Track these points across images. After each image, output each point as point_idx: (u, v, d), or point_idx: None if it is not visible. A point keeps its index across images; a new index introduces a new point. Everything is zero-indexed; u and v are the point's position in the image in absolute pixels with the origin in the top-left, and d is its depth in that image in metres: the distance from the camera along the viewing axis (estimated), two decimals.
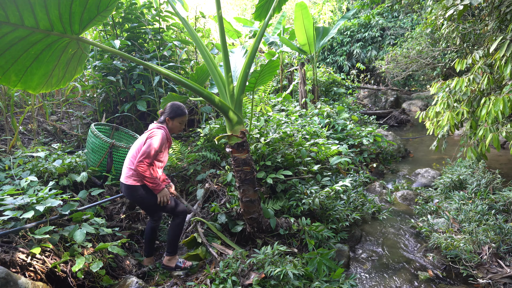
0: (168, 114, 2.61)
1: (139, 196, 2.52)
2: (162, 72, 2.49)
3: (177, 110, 2.61)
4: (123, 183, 2.54)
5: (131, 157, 2.54)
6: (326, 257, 2.59)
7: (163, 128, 2.56)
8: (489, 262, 2.65)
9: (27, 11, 1.91)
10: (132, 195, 2.54)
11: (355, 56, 12.92)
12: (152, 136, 2.47)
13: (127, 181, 2.52)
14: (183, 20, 2.89)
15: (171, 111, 2.61)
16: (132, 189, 2.51)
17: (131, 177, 2.51)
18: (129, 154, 2.58)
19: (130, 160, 2.55)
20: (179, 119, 2.63)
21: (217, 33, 7.23)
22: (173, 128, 2.65)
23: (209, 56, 2.87)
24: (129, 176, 2.51)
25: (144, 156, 2.39)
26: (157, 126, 2.57)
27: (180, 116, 2.63)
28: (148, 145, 2.42)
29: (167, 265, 2.67)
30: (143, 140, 2.53)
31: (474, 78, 3.45)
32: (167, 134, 2.57)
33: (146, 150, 2.40)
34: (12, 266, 2.08)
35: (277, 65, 3.37)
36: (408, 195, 4.39)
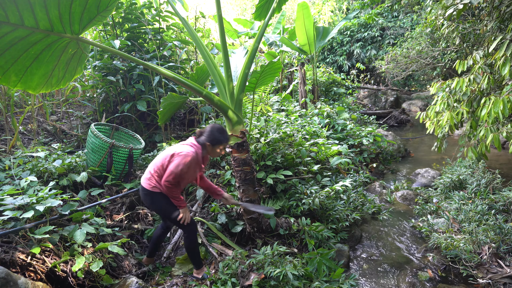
0: (210, 140, 2.42)
1: (156, 203, 2.47)
2: (162, 72, 2.49)
3: (220, 138, 2.43)
4: (141, 185, 2.49)
5: (155, 163, 2.45)
6: (326, 257, 2.59)
7: (195, 148, 2.40)
8: (489, 262, 2.65)
9: (27, 11, 1.91)
10: (148, 200, 2.48)
11: (355, 56, 12.92)
12: (180, 156, 2.33)
13: (145, 184, 2.46)
14: (183, 20, 2.89)
15: (213, 138, 2.42)
16: (151, 194, 2.45)
17: (151, 183, 2.44)
18: (155, 161, 2.49)
19: (154, 167, 2.46)
20: (221, 146, 2.47)
21: (217, 33, 7.22)
22: (212, 153, 2.50)
23: (209, 56, 2.87)
24: (149, 180, 2.45)
25: (171, 175, 2.31)
26: (191, 144, 2.42)
27: (222, 144, 2.46)
28: (176, 165, 2.31)
29: (195, 276, 2.61)
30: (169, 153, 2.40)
31: (475, 78, 3.45)
32: (198, 156, 2.40)
33: (173, 170, 2.31)
34: (12, 266, 2.08)
35: (279, 67, 3.37)
36: (408, 195, 4.39)
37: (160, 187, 2.44)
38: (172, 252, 3.03)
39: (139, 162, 4.14)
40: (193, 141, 2.46)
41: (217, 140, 2.43)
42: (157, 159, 2.48)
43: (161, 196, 2.46)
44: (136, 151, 3.78)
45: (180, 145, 2.46)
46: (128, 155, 3.64)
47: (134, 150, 3.72)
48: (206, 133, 2.45)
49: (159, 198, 2.46)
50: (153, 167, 2.47)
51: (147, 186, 2.45)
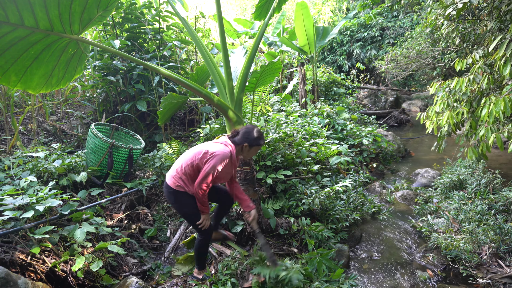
0: (249, 141, 2.33)
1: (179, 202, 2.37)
2: (162, 72, 2.49)
3: (259, 139, 2.35)
4: (168, 184, 2.36)
5: (183, 161, 2.34)
6: (326, 257, 2.59)
7: (231, 148, 2.31)
8: (489, 262, 2.65)
9: (27, 11, 1.91)
10: (171, 198, 2.38)
11: (354, 56, 12.92)
12: (214, 157, 2.22)
13: (170, 182, 2.35)
14: (183, 20, 2.89)
15: (253, 139, 2.33)
16: (175, 193, 2.35)
17: (176, 181, 2.33)
18: (182, 156, 2.39)
19: (180, 162, 2.36)
20: (258, 148, 2.40)
21: (217, 33, 7.23)
22: (247, 155, 2.41)
23: (209, 56, 2.87)
24: (174, 178, 2.34)
25: (205, 179, 2.21)
26: (226, 143, 2.33)
27: (260, 145, 2.39)
28: (211, 166, 2.20)
29: (196, 276, 2.56)
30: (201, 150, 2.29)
31: (474, 78, 3.45)
32: (232, 156, 2.31)
33: (208, 172, 2.20)
34: (12, 266, 2.08)
35: (279, 67, 3.37)
36: (408, 195, 4.39)
37: (185, 187, 2.32)
38: (172, 252, 3.03)
39: (139, 162, 4.14)
40: (227, 141, 2.36)
41: (256, 142, 2.34)
42: (185, 157, 2.35)
43: (186, 196, 2.34)
44: (136, 151, 3.78)
45: (213, 144, 2.34)
46: (128, 155, 3.64)
47: (134, 150, 3.72)
48: (243, 134, 2.35)
49: (183, 197, 2.34)
50: (180, 164, 2.34)
51: (172, 184, 2.33)
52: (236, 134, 2.38)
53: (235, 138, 2.37)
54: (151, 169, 3.92)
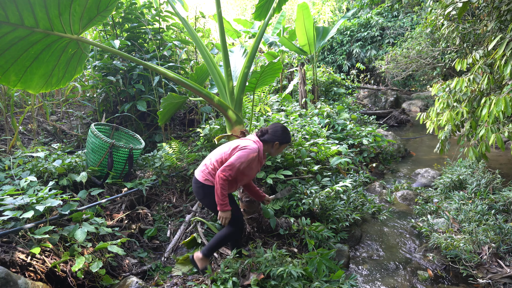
0: (279, 139, 2.40)
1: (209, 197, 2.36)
2: (162, 72, 2.49)
3: (288, 137, 2.45)
4: (195, 177, 2.38)
5: (213, 156, 2.38)
6: (326, 257, 2.58)
7: (259, 145, 2.36)
8: (489, 262, 2.65)
9: (26, 10, 1.91)
10: (199, 192, 2.39)
11: (354, 55, 12.92)
12: (245, 149, 2.27)
13: (199, 176, 2.37)
14: (183, 20, 2.90)
15: (283, 137, 2.41)
16: (204, 187, 2.36)
17: (205, 175, 2.35)
18: (212, 152, 2.44)
19: (210, 159, 2.39)
20: (286, 146, 2.50)
21: (217, 33, 7.23)
22: (276, 152, 2.48)
23: (209, 56, 2.87)
24: (203, 172, 2.36)
25: (229, 168, 2.21)
26: (255, 140, 2.38)
27: (288, 143, 2.48)
28: (238, 157, 2.24)
29: (196, 262, 2.50)
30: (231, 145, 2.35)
31: (474, 78, 3.45)
32: (260, 153, 2.36)
33: (233, 163, 2.22)
34: (12, 266, 2.08)
35: (280, 67, 3.37)
36: (408, 195, 4.39)
37: (214, 181, 2.31)
38: (172, 252, 3.03)
39: (139, 162, 4.14)
40: (256, 138, 2.40)
41: (286, 139, 2.43)
42: (215, 153, 2.39)
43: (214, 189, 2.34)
44: (136, 151, 3.78)
45: (242, 140, 2.38)
46: (128, 155, 3.64)
47: (134, 150, 3.72)
48: (273, 132, 2.41)
49: (212, 192, 2.33)
50: (210, 159, 2.37)
51: (201, 179, 2.35)
52: (265, 132, 2.44)
53: (265, 136, 2.42)
54: (151, 169, 3.92)
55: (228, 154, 2.31)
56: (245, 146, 2.29)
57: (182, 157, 4.17)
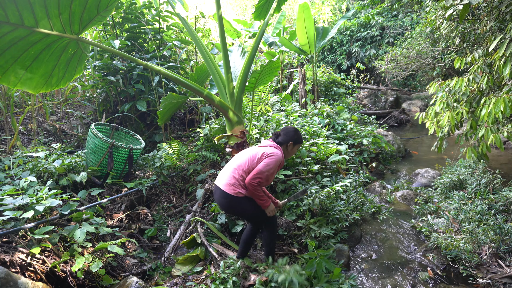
0: (294, 139, 2.51)
1: (241, 207, 2.41)
2: (162, 72, 2.49)
3: (299, 137, 2.55)
4: (223, 191, 2.38)
5: (238, 167, 2.40)
6: (325, 258, 2.56)
7: (280, 150, 2.45)
8: (489, 262, 2.65)
9: (27, 10, 1.91)
10: (231, 205, 2.41)
11: (354, 55, 12.92)
12: (272, 157, 2.35)
13: (228, 189, 2.37)
14: (183, 20, 2.90)
15: (297, 138, 2.52)
16: (235, 200, 2.37)
17: (235, 187, 2.36)
18: (235, 162, 2.44)
19: (235, 169, 2.40)
20: (299, 146, 2.60)
21: (217, 33, 7.23)
22: (290, 152, 2.56)
23: (209, 56, 2.87)
24: (232, 185, 2.37)
25: (259, 176, 2.29)
26: (275, 145, 2.45)
27: (301, 143, 2.58)
28: (266, 164, 2.32)
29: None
30: (256, 154, 2.40)
31: (474, 78, 3.45)
32: (282, 157, 2.45)
33: (262, 170, 2.30)
34: (12, 266, 2.08)
35: (278, 66, 3.37)
36: (408, 195, 4.39)
37: (245, 191, 2.37)
38: (172, 252, 3.03)
39: (139, 162, 4.14)
40: (273, 143, 2.46)
41: (299, 139, 2.54)
42: (239, 163, 2.41)
43: (246, 200, 2.39)
44: (136, 151, 3.78)
45: (265, 147, 2.43)
46: (128, 155, 3.64)
47: (134, 150, 3.72)
48: (285, 133, 2.51)
49: (244, 202, 2.38)
50: (237, 170, 2.38)
51: (231, 192, 2.35)
52: (279, 135, 2.52)
53: (278, 138, 2.50)
54: (151, 169, 3.92)
55: (255, 162, 2.37)
56: (271, 153, 2.36)
57: (182, 157, 4.17)
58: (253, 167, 2.36)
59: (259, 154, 2.38)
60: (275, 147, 2.43)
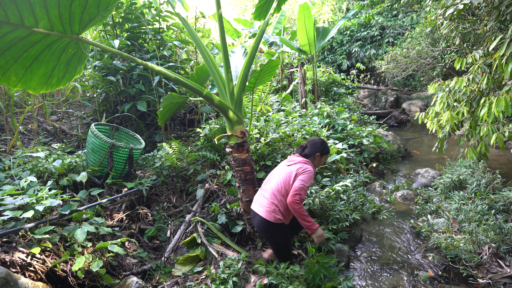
0: (321, 150, 2.49)
1: (278, 235, 2.38)
2: (162, 72, 2.49)
3: (326, 147, 2.53)
4: (263, 218, 2.32)
5: (276, 192, 2.34)
6: (324, 265, 2.48)
7: (311, 165, 2.43)
8: (489, 262, 2.65)
9: (27, 11, 1.91)
10: (271, 231, 2.37)
11: (354, 55, 12.92)
12: (305, 173, 2.33)
13: (269, 217, 2.31)
14: (183, 20, 2.90)
15: (323, 148, 2.50)
16: (276, 227, 2.34)
17: (276, 214, 2.32)
18: (270, 187, 2.39)
19: (273, 194, 2.35)
20: (327, 156, 2.59)
21: (217, 33, 7.23)
22: (318, 164, 2.54)
23: (209, 56, 2.87)
24: (272, 211, 2.32)
25: (299, 192, 2.24)
26: (305, 161, 2.42)
27: (328, 153, 2.57)
28: (302, 181, 2.28)
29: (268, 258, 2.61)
30: (289, 175, 2.35)
31: (474, 78, 3.45)
32: (314, 171, 2.45)
33: (300, 187, 2.25)
34: (12, 266, 2.08)
35: (277, 64, 3.37)
36: (408, 195, 4.39)
37: (283, 218, 2.35)
38: (172, 252, 3.03)
39: (139, 162, 4.15)
40: (302, 158, 2.44)
41: (326, 150, 2.52)
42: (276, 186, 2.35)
43: (282, 226, 2.38)
44: (136, 151, 3.78)
45: (298, 164, 2.39)
46: (128, 155, 3.64)
47: (134, 150, 3.72)
48: (313, 145, 2.49)
49: (280, 228, 2.38)
50: (275, 195, 2.34)
51: (271, 218, 2.31)
52: (305, 147, 2.50)
53: (305, 151, 2.48)
54: (151, 169, 3.92)
55: (291, 183, 2.33)
56: (305, 169, 2.34)
57: (182, 157, 4.17)
58: (290, 189, 2.31)
59: (292, 174, 2.33)
60: (304, 163, 2.40)
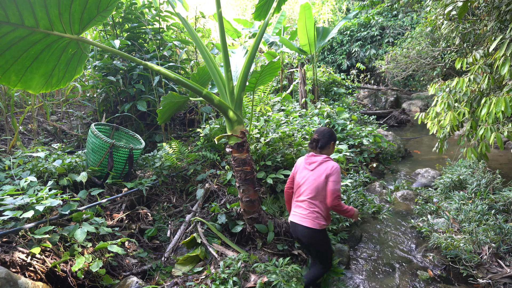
0: (333, 138, 2.46)
1: (324, 240, 2.38)
2: (162, 72, 2.49)
3: (335, 134, 2.52)
4: (307, 227, 2.31)
5: (313, 200, 2.32)
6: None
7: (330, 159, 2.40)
8: (489, 262, 2.65)
9: (27, 10, 1.91)
10: (317, 238, 2.35)
11: (354, 55, 12.92)
12: (333, 172, 2.30)
13: (313, 225, 2.30)
14: (183, 20, 2.90)
15: (334, 135, 2.49)
16: (322, 233, 2.34)
17: (320, 221, 2.31)
18: (304, 196, 2.36)
19: (311, 203, 2.32)
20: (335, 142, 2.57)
21: (217, 33, 7.23)
22: (332, 151, 2.52)
23: (209, 56, 2.87)
24: (315, 219, 2.31)
25: (337, 193, 2.26)
26: (325, 158, 2.38)
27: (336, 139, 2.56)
28: (335, 181, 2.28)
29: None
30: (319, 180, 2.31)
31: (474, 78, 3.45)
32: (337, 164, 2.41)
33: (336, 188, 2.27)
34: (12, 266, 2.08)
35: (278, 66, 3.37)
36: (408, 195, 4.39)
37: (326, 223, 2.35)
38: (173, 252, 3.03)
39: (139, 162, 4.14)
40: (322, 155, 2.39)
41: (336, 136, 2.52)
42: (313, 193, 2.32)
43: (326, 231, 2.40)
44: (136, 151, 3.78)
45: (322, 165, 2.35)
46: (128, 155, 3.64)
47: (134, 150, 3.72)
48: (325, 136, 2.44)
49: (325, 234, 2.39)
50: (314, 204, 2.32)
51: (317, 226, 2.30)
52: (318, 141, 2.44)
53: (319, 144, 2.43)
54: (151, 169, 3.92)
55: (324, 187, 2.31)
56: (332, 168, 2.31)
57: (182, 157, 4.17)
58: (325, 193, 2.31)
59: (322, 178, 2.30)
60: (326, 161, 2.37)
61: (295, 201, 2.45)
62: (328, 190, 2.28)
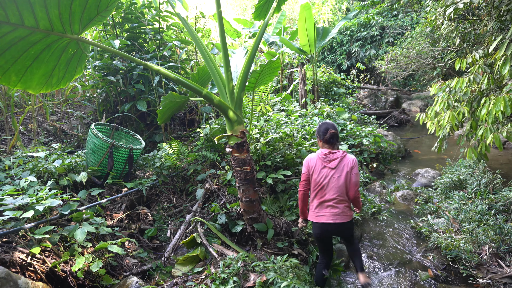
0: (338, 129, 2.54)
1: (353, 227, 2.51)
2: (162, 72, 2.49)
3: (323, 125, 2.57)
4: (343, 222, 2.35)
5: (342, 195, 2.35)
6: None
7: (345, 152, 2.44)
8: (489, 262, 2.65)
9: (27, 10, 1.91)
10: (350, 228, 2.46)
11: (354, 55, 12.93)
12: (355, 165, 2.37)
13: (348, 218, 2.37)
14: (183, 20, 2.90)
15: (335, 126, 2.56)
16: (351, 222, 2.44)
17: (350, 212, 2.42)
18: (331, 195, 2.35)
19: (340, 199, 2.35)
20: None
21: (217, 33, 7.23)
22: None
23: (209, 56, 2.87)
24: (347, 212, 2.38)
25: (358, 185, 2.39)
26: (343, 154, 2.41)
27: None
28: (356, 174, 2.36)
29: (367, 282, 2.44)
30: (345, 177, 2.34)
31: (474, 78, 3.45)
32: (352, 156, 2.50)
33: (358, 179, 2.39)
34: (12, 266, 2.08)
35: (278, 66, 3.37)
36: (408, 195, 4.39)
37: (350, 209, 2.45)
38: (173, 252, 3.03)
39: (139, 162, 4.14)
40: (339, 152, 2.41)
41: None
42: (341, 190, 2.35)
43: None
44: (136, 151, 3.78)
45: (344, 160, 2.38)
46: (128, 155, 3.64)
47: (134, 150, 3.72)
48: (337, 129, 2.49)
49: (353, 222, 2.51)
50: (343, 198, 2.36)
51: (351, 217, 2.41)
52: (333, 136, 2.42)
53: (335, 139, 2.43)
54: (151, 169, 3.92)
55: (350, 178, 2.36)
56: (354, 160, 2.37)
57: (182, 157, 4.17)
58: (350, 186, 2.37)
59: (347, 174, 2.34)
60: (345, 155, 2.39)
61: (320, 201, 2.39)
62: (351, 183, 2.34)
